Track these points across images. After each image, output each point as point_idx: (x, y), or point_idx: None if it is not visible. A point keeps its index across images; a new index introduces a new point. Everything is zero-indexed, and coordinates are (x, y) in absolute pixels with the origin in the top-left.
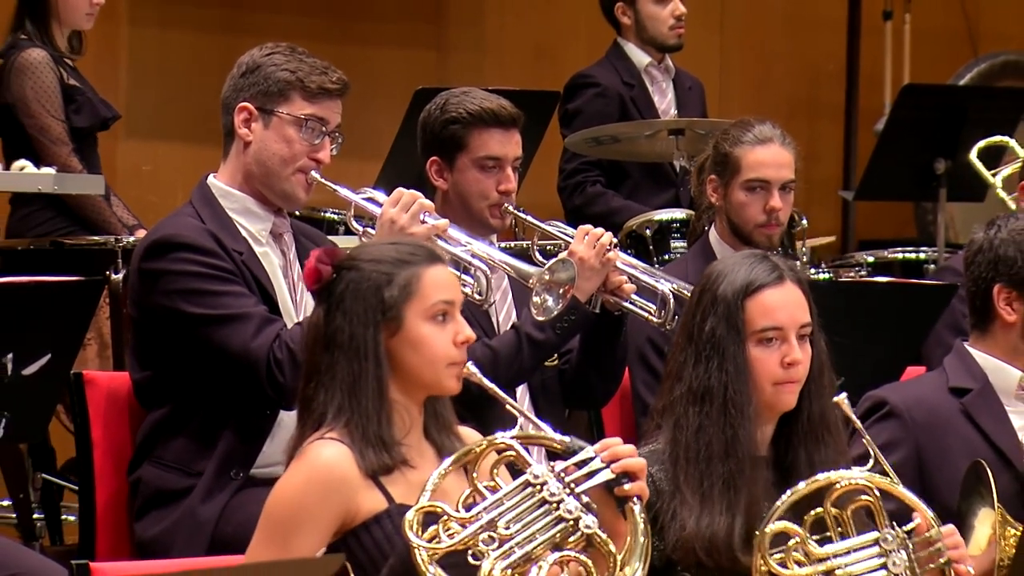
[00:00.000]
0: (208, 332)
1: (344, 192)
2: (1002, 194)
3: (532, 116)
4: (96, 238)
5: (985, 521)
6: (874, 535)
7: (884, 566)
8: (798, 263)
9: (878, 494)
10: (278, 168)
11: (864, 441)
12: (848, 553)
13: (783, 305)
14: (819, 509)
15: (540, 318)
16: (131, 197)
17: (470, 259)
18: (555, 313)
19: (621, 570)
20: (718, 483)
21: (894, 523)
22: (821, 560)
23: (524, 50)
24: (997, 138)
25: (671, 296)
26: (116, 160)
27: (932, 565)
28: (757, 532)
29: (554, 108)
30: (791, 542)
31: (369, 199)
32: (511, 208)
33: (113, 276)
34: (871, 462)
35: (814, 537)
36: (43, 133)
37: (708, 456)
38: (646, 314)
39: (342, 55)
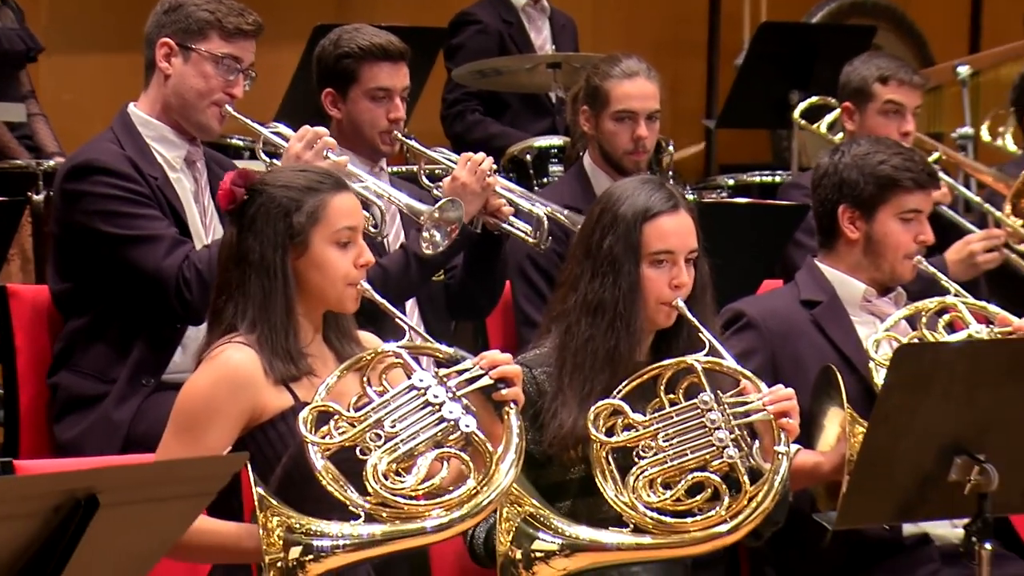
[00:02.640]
0: (123, 251)
1: (254, 125)
2: (832, 137)
3: (420, 51)
4: (19, 162)
5: (834, 420)
6: (693, 401)
7: (703, 424)
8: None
9: (700, 370)
10: (195, 100)
11: (700, 335)
12: (669, 416)
13: (676, 231)
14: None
15: (428, 251)
16: (53, 125)
17: (368, 195)
18: (441, 248)
19: (496, 467)
20: (598, 388)
21: (718, 391)
22: (643, 425)
23: None
24: (814, 99)
25: (545, 219)
26: (39, 90)
27: (753, 418)
28: (591, 410)
29: (440, 44)
30: (615, 414)
31: (276, 133)
32: (400, 135)
33: (35, 197)
34: (706, 349)
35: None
36: None
37: (592, 364)
38: (523, 235)
39: None
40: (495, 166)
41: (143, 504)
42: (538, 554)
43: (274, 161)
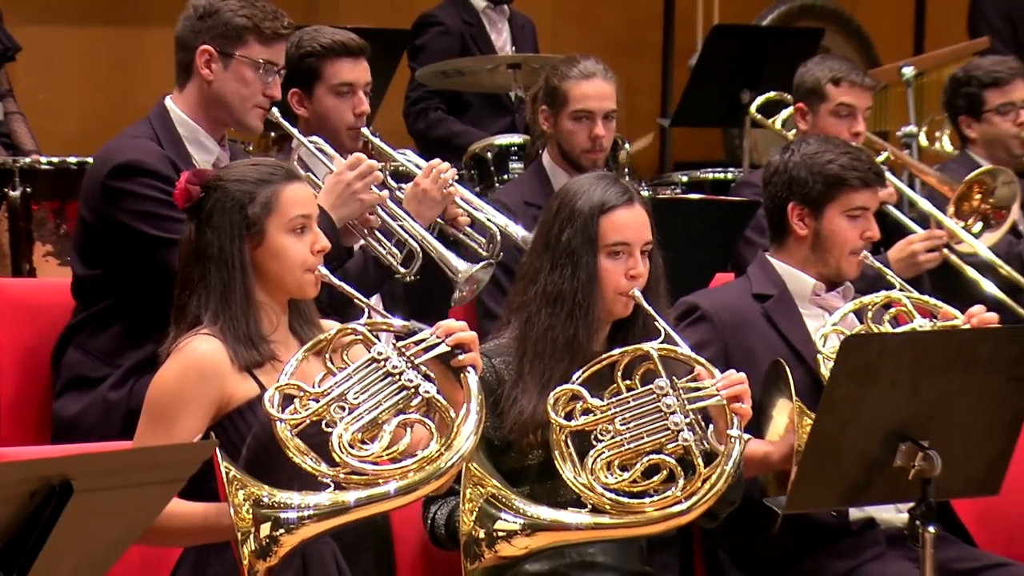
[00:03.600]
0: (159, 253)
1: (299, 136)
2: (785, 133)
3: (385, 52)
4: None
5: (783, 411)
6: (649, 387)
7: (659, 409)
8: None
9: (656, 357)
10: (238, 104)
11: (656, 324)
12: (626, 401)
13: (632, 224)
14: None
15: (453, 304)
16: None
17: (404, 234)
18: (466, 300)
19: (458, 431)
20: (557, 375)
21: (672, 377)
22: (601, 410)
23: None
24: (771, 94)
25: (498, 233)
26: (16, 90)
27: (707, 403)
28: (551, 395)
29: (404, 45)
30: (573, 399)
31: (320, 150)
32: (367, 133)
33: (11, 193)
34: (661, 336)
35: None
36: None
37: (552, 352)
38: (476, 245)
39: None
40: (457, 176)
41: (116, 490)
42: (500, 533)
43: (311, 176)
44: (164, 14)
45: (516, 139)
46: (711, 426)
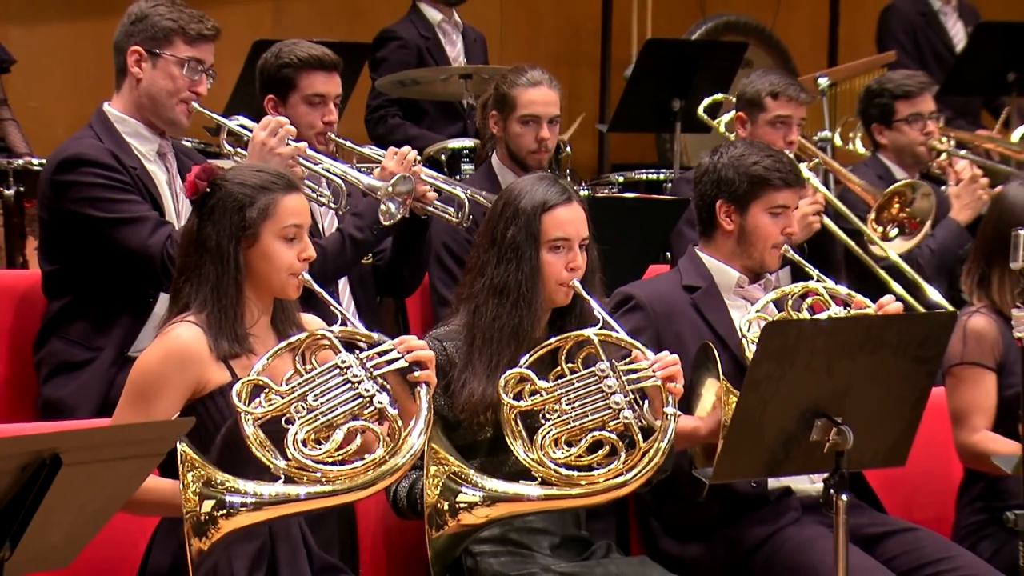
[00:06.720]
0: (111, 232)
1: (219, 118)
2: (728, 135)
3: (347, 63)
4: None
5: (711, 390)
6: (591, 369)
7: (601, 389)
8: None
9: (597, 342)
10: (165, 100)
11: (595, 312)
12: (571, 383)
13: (571, 220)
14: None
15: (386, 222)
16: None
17: (327, 174)
18: (397, 218)
19: (404, 440)
20: (504, 361)
21: (612, 360)
22: (548, 391)
23: (343, 8)
24: (717, 96)
25: (467, 201)
26: (9, 97)
27: (644, 383)
28: (502, 379)
29: (366, 57)
30: (522, 381)
31: (240, 125)
32: (334, 136)
33: (6, 192)
34: (600, 323)
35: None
36: None
37: (499, 339)
38: (447, 216)
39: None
40: (419, 156)
41: (101, 464)
42: (462, 505)
43: (240, 151)
44: None
45: (467, 143)
46: (647, 403)
